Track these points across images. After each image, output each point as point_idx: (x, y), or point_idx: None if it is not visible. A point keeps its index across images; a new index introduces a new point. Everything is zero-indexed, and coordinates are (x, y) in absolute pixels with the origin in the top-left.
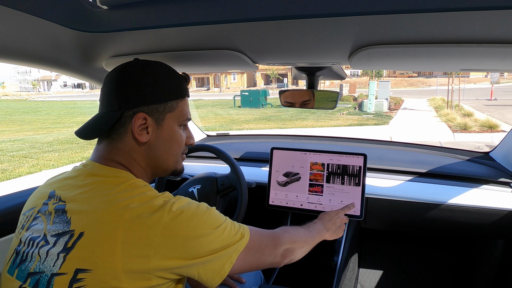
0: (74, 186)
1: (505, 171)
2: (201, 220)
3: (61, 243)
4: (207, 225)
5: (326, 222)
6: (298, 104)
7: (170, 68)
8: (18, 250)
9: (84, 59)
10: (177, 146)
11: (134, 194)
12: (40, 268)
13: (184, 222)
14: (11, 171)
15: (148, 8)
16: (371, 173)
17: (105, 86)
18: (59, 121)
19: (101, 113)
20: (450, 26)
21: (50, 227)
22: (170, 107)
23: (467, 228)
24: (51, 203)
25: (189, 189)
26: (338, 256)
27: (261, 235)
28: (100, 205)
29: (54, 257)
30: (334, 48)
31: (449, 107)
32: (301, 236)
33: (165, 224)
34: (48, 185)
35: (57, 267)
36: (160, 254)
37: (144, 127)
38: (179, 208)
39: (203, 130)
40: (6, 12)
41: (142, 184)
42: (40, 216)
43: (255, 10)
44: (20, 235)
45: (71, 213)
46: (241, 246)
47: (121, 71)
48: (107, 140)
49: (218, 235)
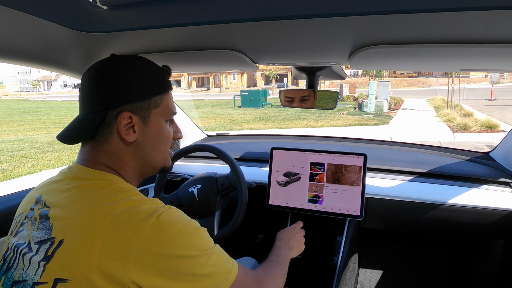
0: (58, 191)
1: (505, 171)
2: (188, 238)
3: (42, 251)
4: (193, 246)
5: (287, 241)
6: (298, 104)
7: (150, 62)
8: (5, 257)
9: (84, 59)
10: (165, 142)
11: (117, 199)
12: (23, 276)
13: (168, 238)
14: (11, 171)
15: (148, 8)
16: (371, 173)
17: (84, 86)
18: (59, 121)
19: (82, 115)
20: (450, 26)
21: (34, 233)
22: (155, 103)
23: (467, 228)
24: (37, 209)
25: (189, 189)
26: (338, 256)
27: (247, 276)
28: (82, 211)
29: (35, 266)
30: (334, 48)
31: (449, 107)
32: (279, 276)
33: (147, 236)
34: (37, 189)
35: (38, 276)
36: (138, 268)
37: (130, 126)
38: (167, 221)
39: (203, 130)
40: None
41: (127, 188)
42: (27, 222)
43: (255, 10)
44: (8, 241)
45: (53, 219)
46: (226, 282)
47: (99, 69)
48: (92, 143)
49: (205, 260)
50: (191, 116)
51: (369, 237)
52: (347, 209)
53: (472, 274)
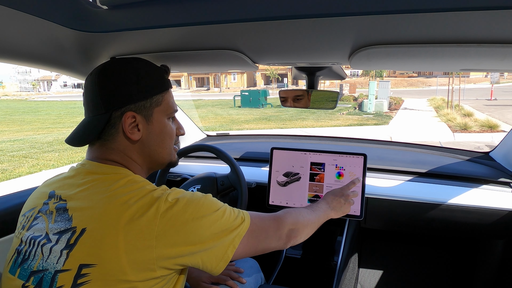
0: (74, 185)
1: (505, 171)
2: (198, 204)
3: (64, 240)
4: (204, 209)
5: (330, 201)
6: (298, 104)
7: (149, 62)
8: (19, 250)
9: (85, 59)
10: (169, 139)
11: (133, 189)
12: (43, 266)
13: (181, 209)
14: (11, 171)
15: (148, 8)
16: (371, 173)
17: (88, 90)
18: (59, 121)
19: (88, 118)
20: (450, 26)
21: (52, 225)
22: (156, 102)
23: (467, 228)
24: (52, 203)
25: (189, 189)
26: (338, 256)
27: (263, 218)
28: (101, 201)
29: (57, 254)
30: (334, 48)
31: (449, 107)
32: (305, 216)
33: (162, 213)
34: (47, 185)
35: (61, 264)
36: (162, 243)
37: (135, 125)
38: (175, 198)
39: (203, 130)
40: (6, 12)
41: (140, 180)
42: (41, 216)
43: (255, 10)
44: (20, 235)
45: (73, 210)
46: (243, 230)
47: (101, 73)
48: (99, 142)
49: (218, 217)
50: (191, 116)
51: (369, 237)
52: None
53: (472, 274)
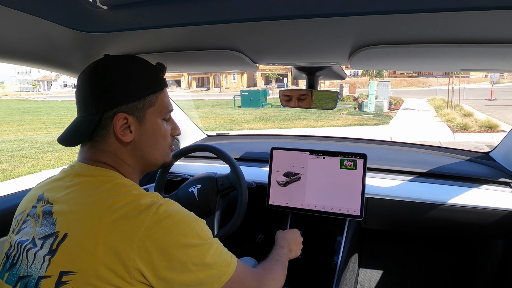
0: (61, 188)
1: (505, 171)
2: (188, 227)
3: (47, 246)
4: (194, 235)
5: (290, 243)
6: (295, 103)
7: (143, 61)
8: (8, 254)
9: (84, 59)
10: (162, 140)
11: (119, 193)
12: (28, 271)
13: (169, 228)
14: (11, 171)
15: (148, 8)
16: (371, 173)
17: (79, 89)
18: (59, 121)
19: (80, 118)
20: (450, 26)
21: (38, 229)
22: (150, 102)
23: (467, 228)
24: (39, 206)
25: (189, 189)
26: (338, 256)
27: (246, 272)
28: (85, 205)
29: (40, 260)
30: (334, 48)
31: (449, 107)
32: (280, 274)
33: (148, 226)
34: (38, 188)
35: (43, 270)
36: (141, 258)
37: (126, 127)
38: (167, 211)
39: (203, 130)
40: (6, 12)
41: (128, 183)
42: (29, 219)
43: (255, 10)
44: (10, 239)
45: (57, 214)
46: (225, 275)
47: (92, 72)
48: (90, 143)
49: (205, 250)
50: (191, 116)
51: (369, 237)
52: (347, 209)
53: (472, 274)
